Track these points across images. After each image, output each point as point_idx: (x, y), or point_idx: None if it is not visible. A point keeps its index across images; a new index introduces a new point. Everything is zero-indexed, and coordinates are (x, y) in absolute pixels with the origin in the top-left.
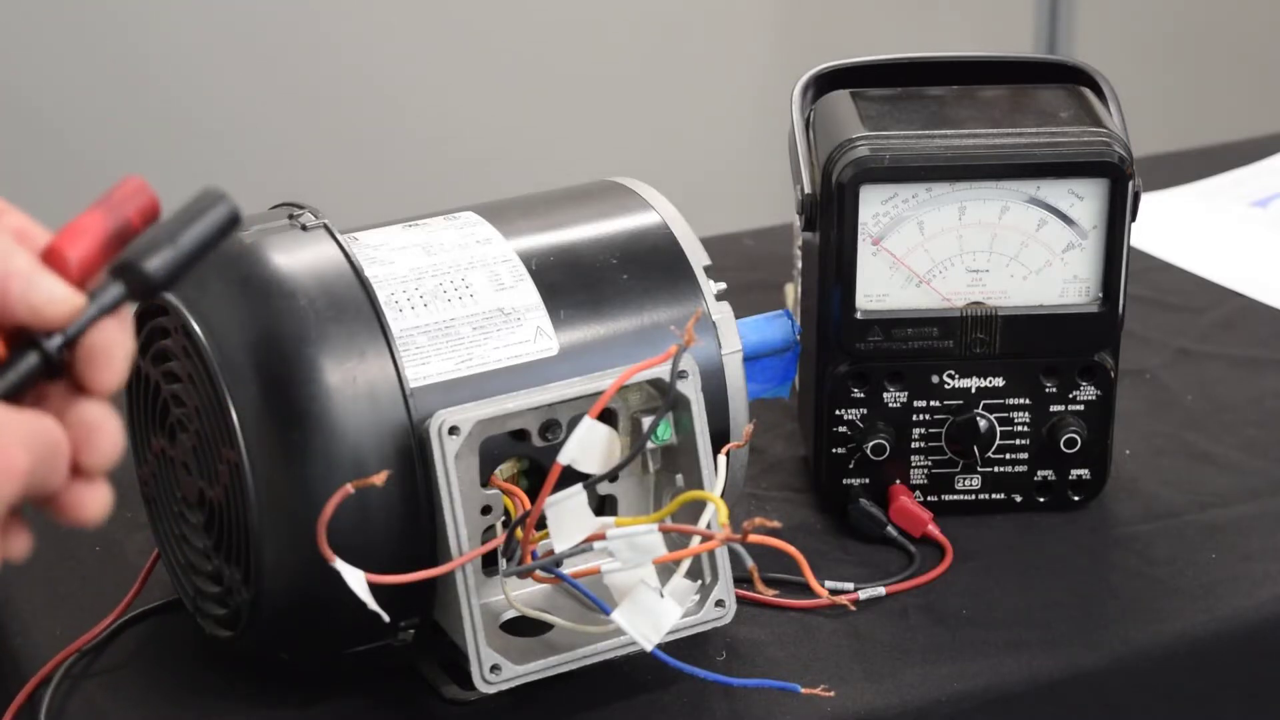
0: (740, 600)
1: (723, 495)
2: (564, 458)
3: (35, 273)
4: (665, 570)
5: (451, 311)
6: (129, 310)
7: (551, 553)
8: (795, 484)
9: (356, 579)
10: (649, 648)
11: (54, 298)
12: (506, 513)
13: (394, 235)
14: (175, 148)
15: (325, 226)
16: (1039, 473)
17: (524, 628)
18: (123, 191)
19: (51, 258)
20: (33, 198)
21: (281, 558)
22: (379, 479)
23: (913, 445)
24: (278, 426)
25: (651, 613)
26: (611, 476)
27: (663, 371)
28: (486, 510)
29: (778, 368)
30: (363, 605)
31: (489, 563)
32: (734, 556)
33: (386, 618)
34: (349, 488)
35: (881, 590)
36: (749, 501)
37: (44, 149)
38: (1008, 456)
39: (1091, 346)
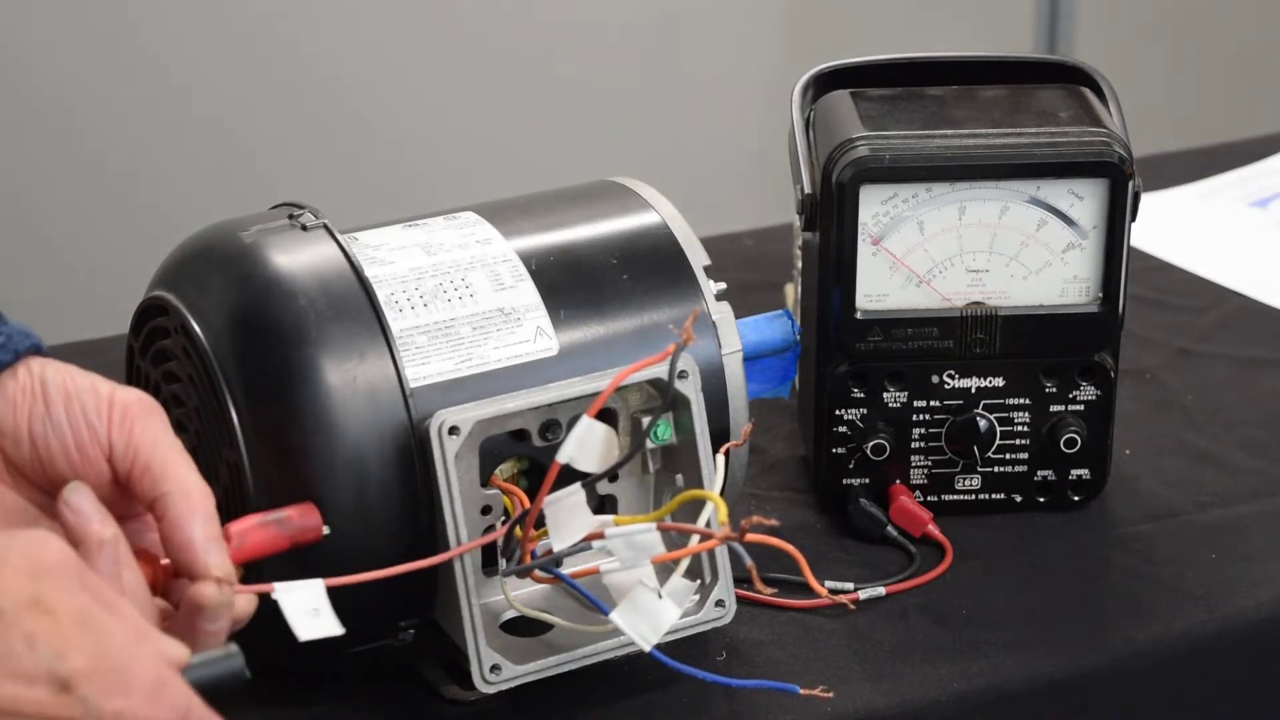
0: (740, 600)
1: (722, 495)
2: (563, 456)
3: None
4: (664, 570)
5: (451, 311)
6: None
7: (551, 552)
8: (795, 484)
9: (309, 594)
10: (647, 648)
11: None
12: (506, 512)
13: (394, 235)
14: (175, 147)
15: (325, 226)
16: (1039, 473)
17: (524, 628)
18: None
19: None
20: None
21: (282, 558)
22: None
23: (913, 445)
24: (278, 426)
25: (650, 613)
26: (611, 475)
27: (662, 371)
28: (486, 510)
29: (778, 368)
30: (362, 604)
31: (489, 563)
32: (733, 556)
33: (340, 630)
34: None
35: (881, 590)
36: (749, 501)
37: (44, 148)
38: (1008, 456)
39: (1091, 346)
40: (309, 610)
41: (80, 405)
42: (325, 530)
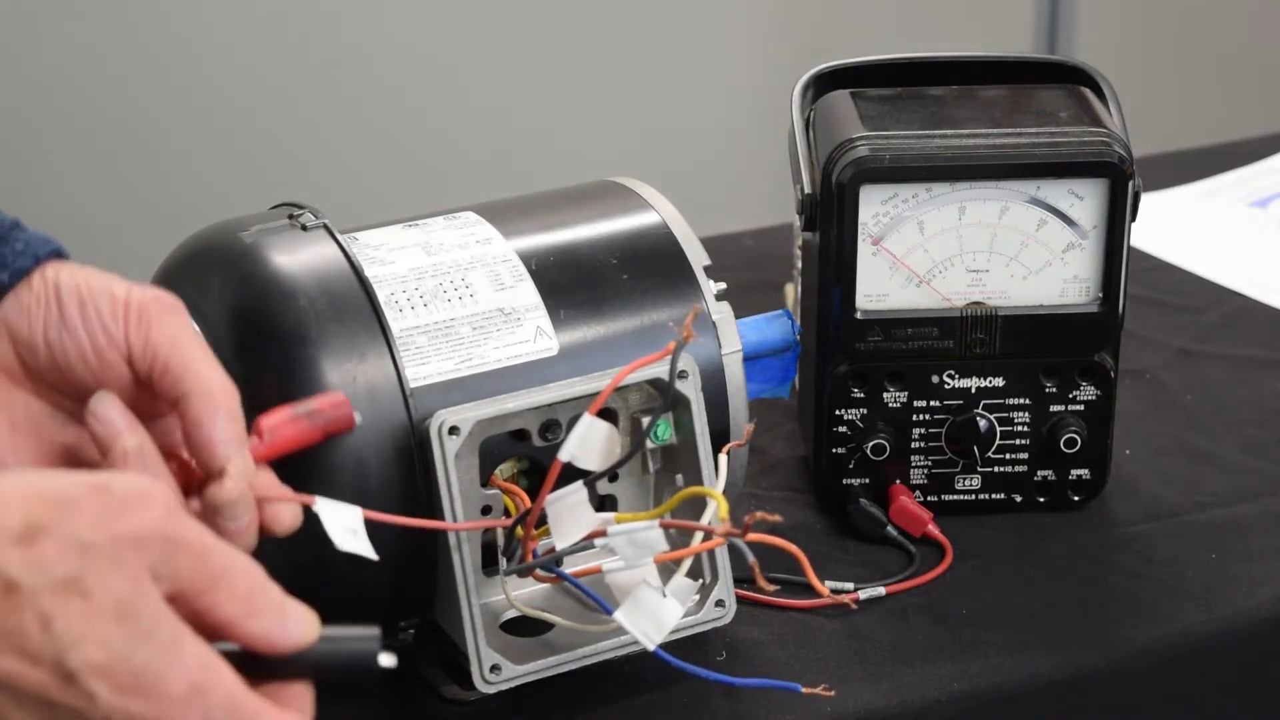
0: (740, 600)
1: (722, 494)
2: (564, 455)
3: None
4: (666, 570)
5: (451, 311)
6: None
7: (552, 551)
8: (795, 484)
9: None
10: (651, 647)
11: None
12: (507, 512)
13: (394, 235)
14: (175, 148)
15: (325, 226)
16: (1039, 473)
17: (524, 628)
18: (326, 403)
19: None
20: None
21: (281, 558)
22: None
23: (913, 445)
24: None
25: (654, 612)
26: (611, 475)
27: (662, 371)
28: (486, 510)
29: (778, 368)
30: (362, 605)
31: (489, 562)
32: (736, 554)
33: (374, 556)
34: None
35: (881, 590)
36: (749, 501)
37: (43, 149)
38: (1008, 456)
39: (1091, 346)
40: (348, 529)
41: (95, 309)
42: (358, 419)
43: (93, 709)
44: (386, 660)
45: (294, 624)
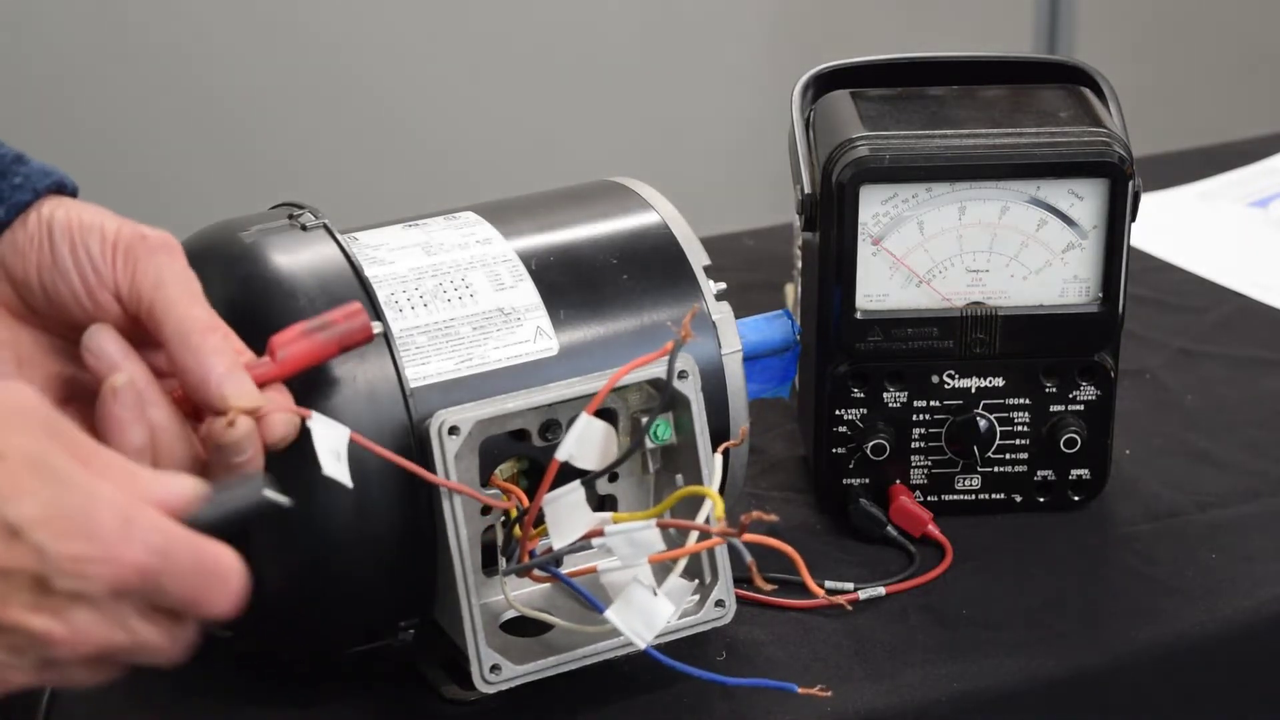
0: (740, 600)
1: (722, 495)
2: (562, 454)
3: (234, 369)
4: (663, 569)
5: (451, 311)
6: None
7: (550, 551)
8: (795, 484)
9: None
10: (642, 645)
11: (241, 393)
12: (506, 512)
13: (394, 235)
14: (175, 148)
15: (325, 226)
16: (1039, 473)
17: (524, 628)
18: (340, 314)
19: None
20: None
21: (281, 558)
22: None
23: (913, 445)
24: None
25: (645, 610)
26: (610, 475)
27: (661, 370)
28: (486, 510)
29: (778, 368)
30: (362, 604)
31: (489, 563)
32: (734, 554)
33: (350, 483)
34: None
35: (881, 590)
36: (749, 501)
37: (43, 149)
38: (1008, 456)
39: (1091, 346)
40: (333, 451)
41: (85, 249)
42: (376, 329)
43: (43, 564)
44: (276, 496)
45: (176, 483)
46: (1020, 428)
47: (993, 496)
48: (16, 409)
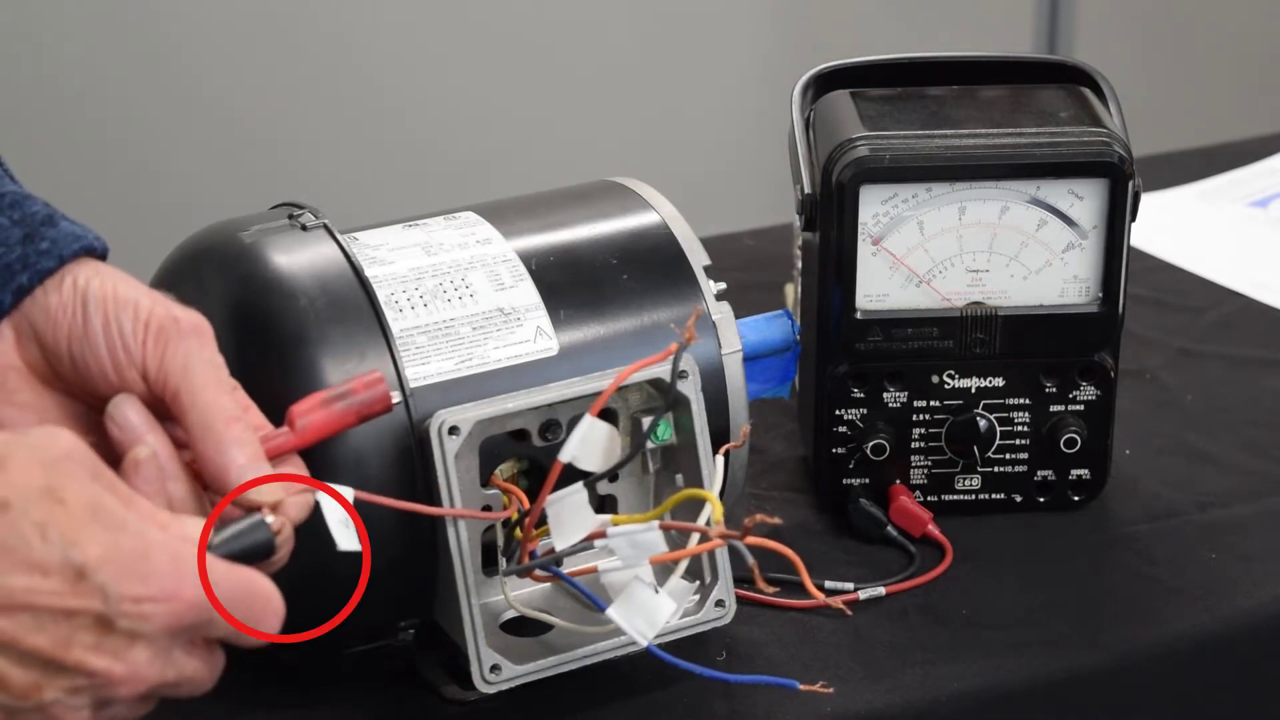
0: (740, 600)
1: (722, 495)
2: (565, 456)
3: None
4: (664, 570)
5: (451, 311)
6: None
7: (551, 551)
8: (795, 484)
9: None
10: (644, 644)
11: (261, 489)
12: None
13: (394, 235)
14: (175, 148)
15: (325, 226)
16: (1039, 473)
17: (524, 628)
18: (359, 384)
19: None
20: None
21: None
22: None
23: (913, 445)
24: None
25: (647, 609)
26: (611, 475)
27: (663, 371)
28: (486, 510)
29: (778, 368)
30: (362, 604)
31: (489, 563)
32: (735, 555)
33: (359, 547)
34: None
35: (881, 590)
36: (749, 501)
37: (43, 149)
38: (1008, 456)
39: (1091, 346)
40: (343, 521)
41: (118, 325)
42: (396, 399)
43: (106, 606)
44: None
45: (192, 525)
46: (1020, 428)
47: (993, 496)
48: (65, 455)
